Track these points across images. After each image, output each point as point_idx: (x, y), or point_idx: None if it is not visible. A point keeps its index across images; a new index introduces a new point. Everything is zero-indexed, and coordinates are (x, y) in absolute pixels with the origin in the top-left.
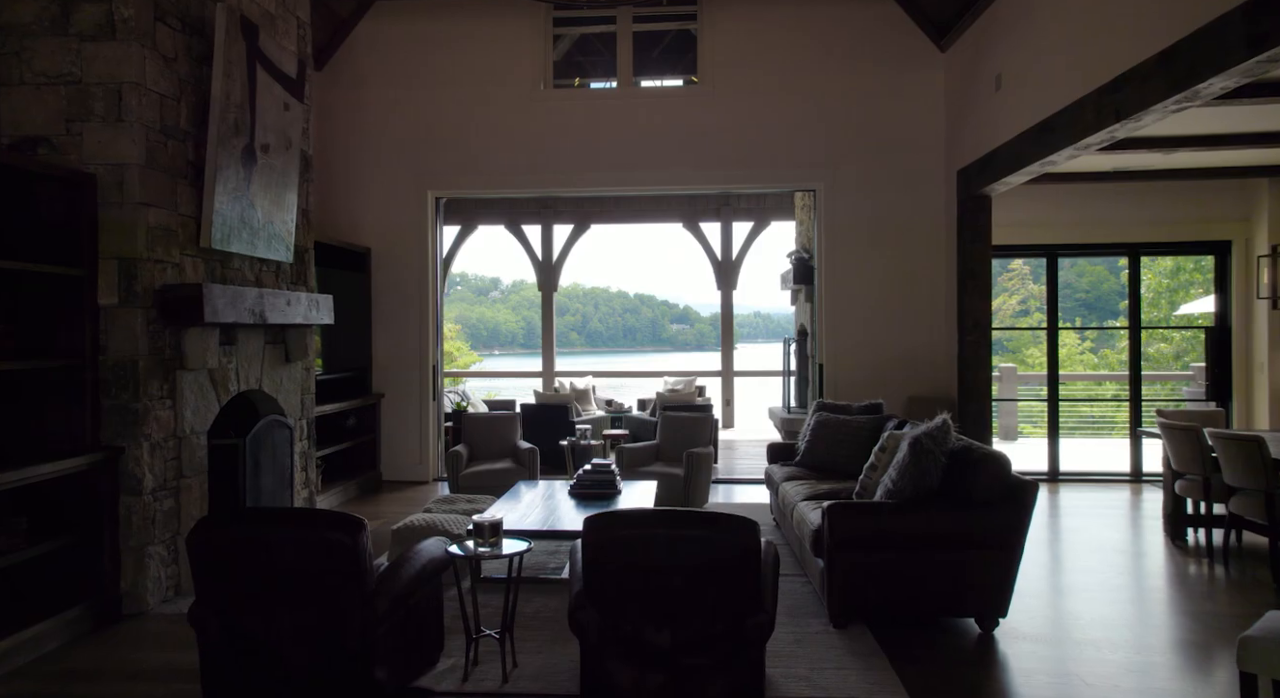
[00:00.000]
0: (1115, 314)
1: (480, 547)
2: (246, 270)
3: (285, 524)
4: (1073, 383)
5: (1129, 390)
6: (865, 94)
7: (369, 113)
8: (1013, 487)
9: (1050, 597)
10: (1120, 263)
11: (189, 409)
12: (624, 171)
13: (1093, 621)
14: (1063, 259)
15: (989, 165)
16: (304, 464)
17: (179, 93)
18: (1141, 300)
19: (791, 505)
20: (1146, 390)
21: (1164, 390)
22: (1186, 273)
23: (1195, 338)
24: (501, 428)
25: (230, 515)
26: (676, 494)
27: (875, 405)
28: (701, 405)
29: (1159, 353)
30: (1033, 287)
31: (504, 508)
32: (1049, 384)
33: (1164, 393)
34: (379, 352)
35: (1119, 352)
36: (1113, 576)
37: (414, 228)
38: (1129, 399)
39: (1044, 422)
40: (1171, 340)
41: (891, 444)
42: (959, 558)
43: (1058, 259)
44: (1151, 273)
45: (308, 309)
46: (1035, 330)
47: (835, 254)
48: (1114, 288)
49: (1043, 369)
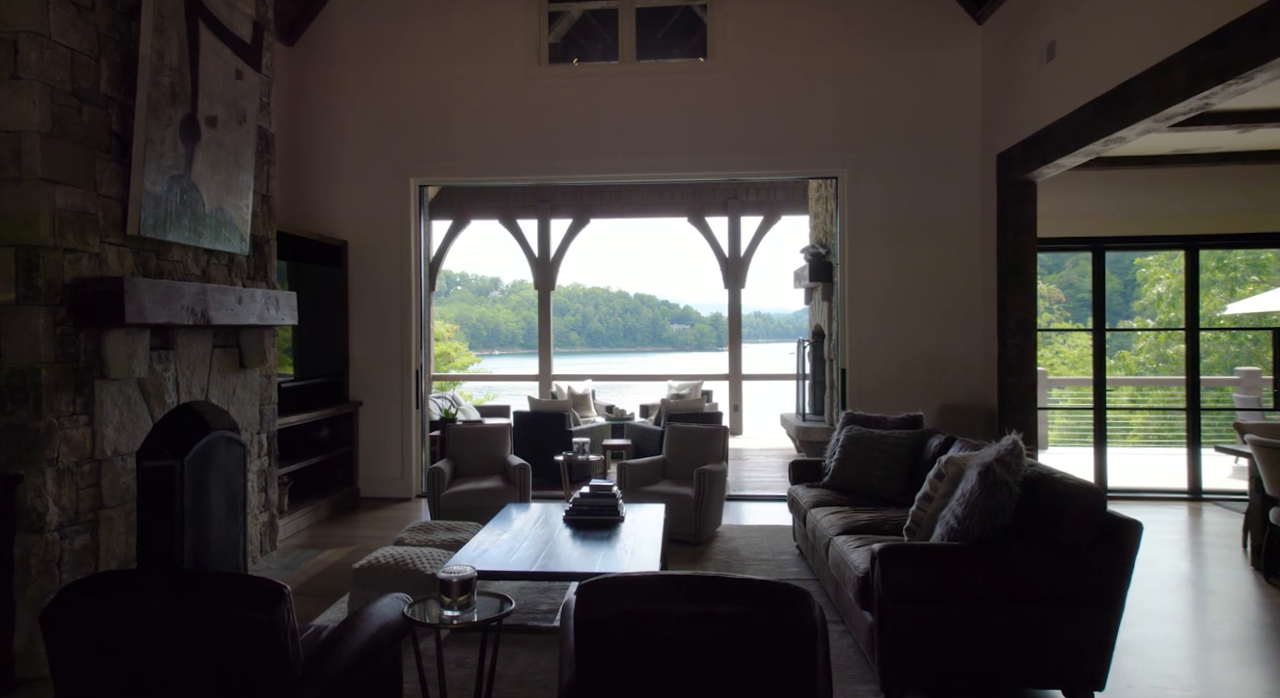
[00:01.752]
0: (1119, 315)
1: (447, 609)
2: (190, 263)
3: (179, 595)
4: (1114, 389)
5: (1186, 398)
6: (892, 72)
7: (346, 93)
8: (1109, 526)
9: (1147, 656)
10: (1137, 261)
11: (111, 427)
12: (627, 157)
13: (1209, 692)
14: (1069, 255)
15: (1036, 147)
16: (263, 484)
17: (98, 49)
18: (1161, 300)
19: (825, 539)
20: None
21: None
22: (1209, 271)
23: (1216, 339)
24: (490, 441)
25: (106, 581)
26: (686, 517)
27: (913, 418)
28: (710, 413)
29: (1178, 354)
30: (1040, 286)
31: (488, 539)
32: (1095, 390)
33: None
34: (357, 355)
35: (1136, 353)
36: (1211, 626)
37: (395, 219)
38: (1185, 408)
39: (1076, 430)
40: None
41: (952, 471)
42: (1044, 614)
43: (1104, 253)
44: (1169, 271)
45: (264, 308)
46: (1081, 331)
47: (858, 248)
48: (1116, 288)
49: (1057, 373)
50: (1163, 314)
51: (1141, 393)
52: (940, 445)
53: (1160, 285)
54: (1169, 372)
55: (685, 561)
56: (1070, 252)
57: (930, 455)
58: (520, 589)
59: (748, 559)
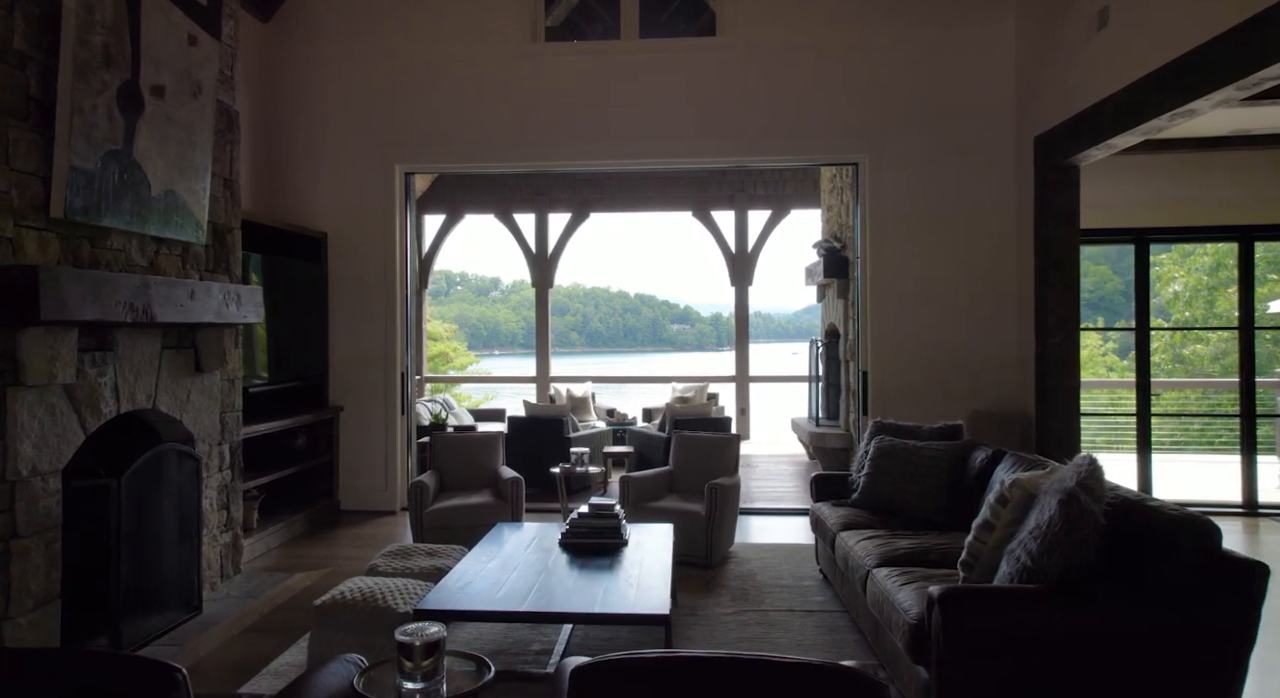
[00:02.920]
0: (1119, 315)
1: (408, 679)
2: (134, 253)
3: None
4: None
5: (1241, 402)
6: (916, 49)
7: (326, 72)
8: (1225, 567)
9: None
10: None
11: (28, 442)
12: (629, 142)
13: None
14: (1096, 246)
15: (1084, 126)
16: (225, 501)
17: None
18: (1178, 299)
19: (861, 571)
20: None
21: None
22: (1228, 270)
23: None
24: (480, 451)
25: None
26: (697, 537)
27: (952, 428)
28: (719, 419)
29: (1194, 354)
30: None
31: (473, 568)
32: (1138, 393)
33: (1227, 404)
34: (337, 356)
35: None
36: None
37: (379, 208)
38: (1239, 414)
39: (1110, 435)
40: (1208, 342)
41: (1018, 496)
42: (1143, 675)
43: (1149, 245)
44: (1184, 271)
45: (222, 304)
46: (1124, 331)
47: (881, 240)
48: (1118, 287)
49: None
50: (1178, 314)
51: (1158, 397)
52: (986, 461)
53: (1177, 284)
54: (1183, 373)
55: (697, 587)
56: (1110, 244)
57: (975, 471)
58: (509, 626)
59: (766, 586)
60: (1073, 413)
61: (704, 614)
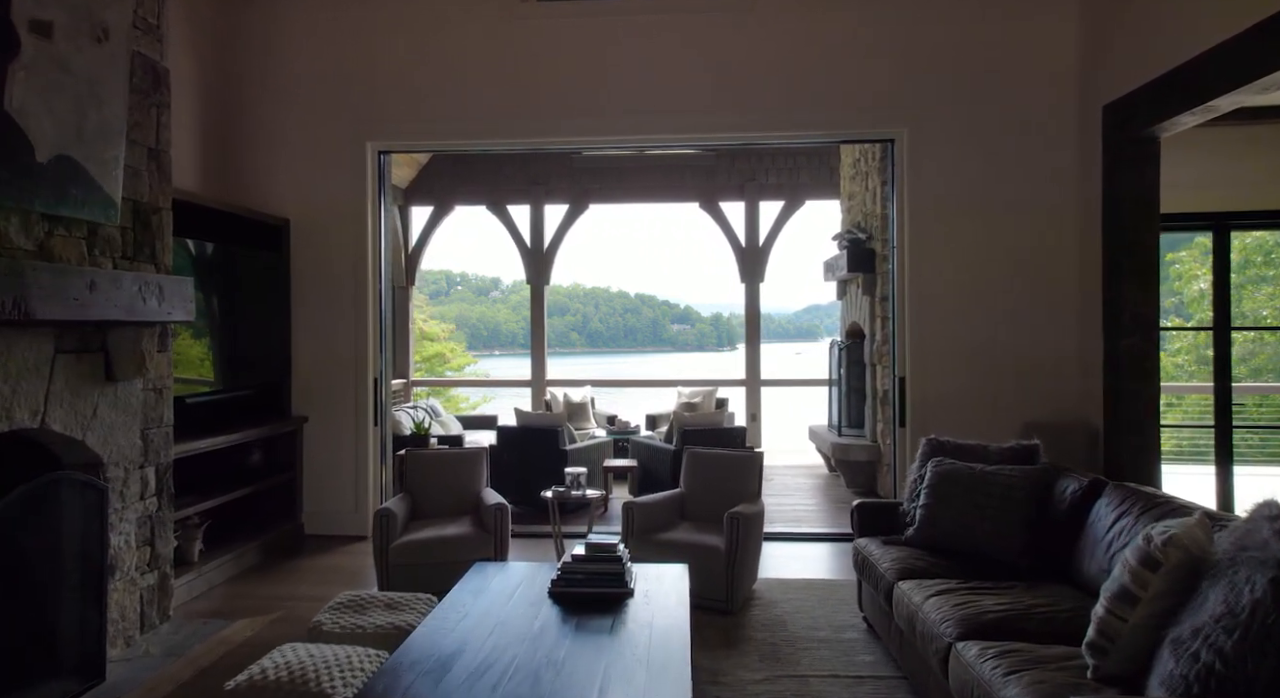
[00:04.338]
0: None
1: None
2: (14, 233)
3: None
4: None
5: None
6: (961, 8)
7: (289, 39)
8: None
9: None
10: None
11: None
12: (634, 116)
13: None
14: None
15: (1172, 89)
16: (148, 536)
17: None
18: (1202, 298)
19: (941, 643)
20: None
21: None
22: (1256, 267)
23: (1259, 339)
24: (459, 470)
25: None
26: (715, 577)
27: (1027, 449)
28: (731, 430)
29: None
30: None
31: (438, 632)
32: (1217, 399)
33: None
34: (301, 360)
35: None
36: None
37: (349, 192)
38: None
39: (1179, 445)
40: (1234, 342)
41: (1176, 559)
42: None
43: (1229, 233)
44: (1206, 269)
45: (135, 298)
46: (1201, 330)
47: (920, 228)
48: None
49: None
50: (1202, 314)
51: (1180, 400)
52: (1081, 492)
53: (1201, 282)
54: (1207, 374)
55: (717, 641)
56: (1183, 231)
57: (1064, 505)
58: None
59: (800, 639)
60: (1152, 424)
61: (728, 682)
